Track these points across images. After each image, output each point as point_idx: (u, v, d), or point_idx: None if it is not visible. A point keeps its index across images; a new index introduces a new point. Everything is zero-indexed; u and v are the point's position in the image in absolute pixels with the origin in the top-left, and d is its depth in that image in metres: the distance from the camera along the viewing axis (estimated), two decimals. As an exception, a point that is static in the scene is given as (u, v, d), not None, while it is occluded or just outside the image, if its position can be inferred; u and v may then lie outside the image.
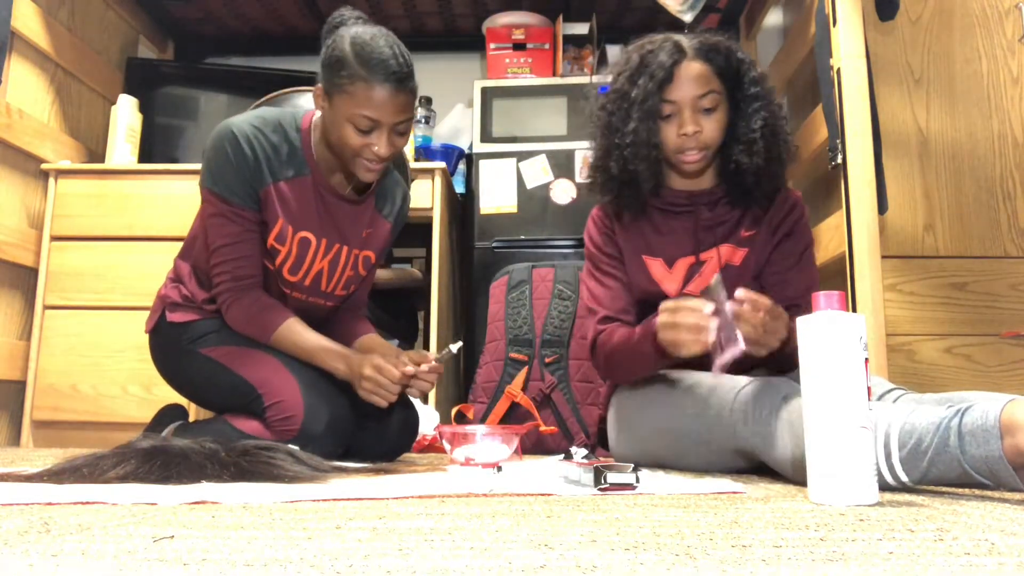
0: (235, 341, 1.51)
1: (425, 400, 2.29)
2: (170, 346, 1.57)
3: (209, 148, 1.46)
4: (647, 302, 1.45)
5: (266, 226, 1.49)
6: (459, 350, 1.50)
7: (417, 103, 2.92)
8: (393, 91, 1.38)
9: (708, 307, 1.18)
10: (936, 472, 0.93)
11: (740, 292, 1.18)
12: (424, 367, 1.45)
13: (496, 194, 2.57)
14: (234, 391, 1.47)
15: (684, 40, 1.43)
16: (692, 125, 1.39)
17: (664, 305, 1.24)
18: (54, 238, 2.37)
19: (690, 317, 1.19)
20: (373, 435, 1.57)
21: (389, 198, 1.66)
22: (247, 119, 1.47)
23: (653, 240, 1.50)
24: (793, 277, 1.48)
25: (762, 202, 1.47)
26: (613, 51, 2.90)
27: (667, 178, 1.51)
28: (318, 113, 1.52)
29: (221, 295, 1.50)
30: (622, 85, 1.45)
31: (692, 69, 1.39)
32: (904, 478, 0.96)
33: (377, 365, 1.41)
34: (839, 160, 1.84)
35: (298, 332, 1.48)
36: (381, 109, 1.38)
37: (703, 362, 1.27)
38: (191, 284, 1.57)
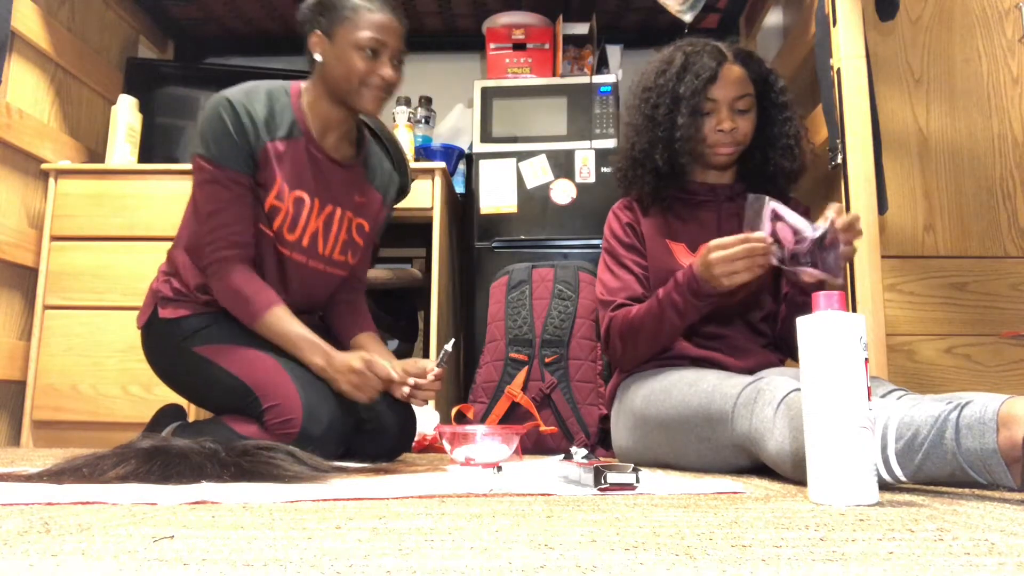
0: (229, 338, 1.49)
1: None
2: (163, 343, 1.55)
3: (204, 119, 1.47)
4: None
5: (263, 189, 1.48)
6: (454, 346, 1.51)
7: (417, 104, 2.93)
8: (393, 17, 1.49)
9: (760, 233, 1.30)
10: (930, 466, 0.93)
11: (832, 215, 1.28)
12: (429, 376, 1.47)
13: (496, 194, 2.57)
14: (230, 393, 1.46)
15: (722, 45, 1.58)
16: (729, 122, 1.52)
17: (712, 243, 1.34)
18: (54, 238, 2.37)
19: (744, 245, 1.30)
20: (372, 436, 1.56)
21: (377, 170, 1.69)
22: (239, 88, 1.50)
23: (677, 227, 1.60)
24: None
25: (780, 198, 1.56)
26: (613, 51, 2.90)
27: (694, 173, 1.63)
28: (304, 83, 1.57)
29: (212, 264, 1.47)
30: (666, 82, 1.56)
31: (733, 71, 1.54)
32: (898, 472, 0.96)
33: (368, 360, 1.42)
34: (839, 160, 1.84)
35: (284, 319, 1.46)
36: (386, 31, 1.47)
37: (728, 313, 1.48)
38: (187, 273, 1.54)
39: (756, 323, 1.56)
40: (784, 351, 1.61)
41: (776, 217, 1.30)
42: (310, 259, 1.56)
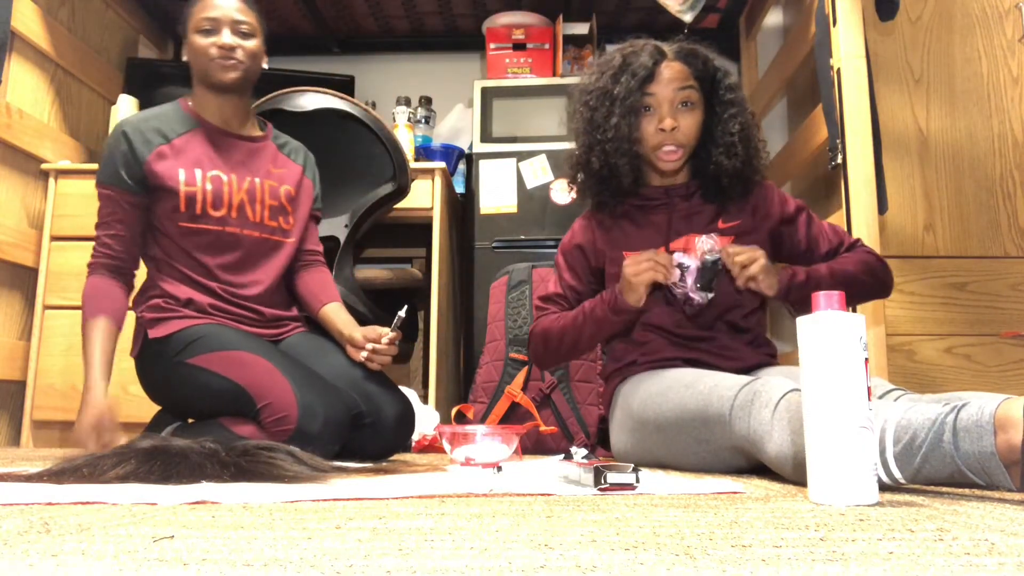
0: (220, 345, 1.51)
1: (429, 382, 2.29)
2: (157, 364, 1.58)
3: (104, 145, 1.63)
4: None
5: (166, 190, 1.58)
6: (407, 312, 1.62)
7: (417, 104, 2.92)
8: None
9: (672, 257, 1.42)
10: (929, 469, 0.93)
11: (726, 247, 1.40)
12: (384, 340, 1.58)
13: (496, 194, 2.57)
14: (226, 397, 1.47)
15: (664, 44, 1.55)
16: (670, 120, 1.49)
17: (628, 260, 1.44)
18: (54, 238, 2.37)
19: (649, 257, 1.41)
20: (369, 433, 1.57)
21: (291, 146, 1.80)
22: (136, 114, 1.68)
23: (632, 234, 1.58)
24: (817, 239, 1.58)
25: (734, 200, 1.58)
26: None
27: (647, 177, 1.60)
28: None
29: (89, 265, 1.61)
30: (605, 83, 1.54)
31: (672, 67, 1.51)
32: (897, 475, 0.96)
33: (103, 422, 1.49)
34: (839, 160, 1.84)
35: (95, 333, 1.55)
36: (216, 8, 1.61)
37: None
38: (172, 288, 1.59)
39: (738, 321, 1.55)
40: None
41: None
42: (243, 228, 1.64)
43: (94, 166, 2.44)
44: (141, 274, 1.67)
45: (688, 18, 2.39)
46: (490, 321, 2.38)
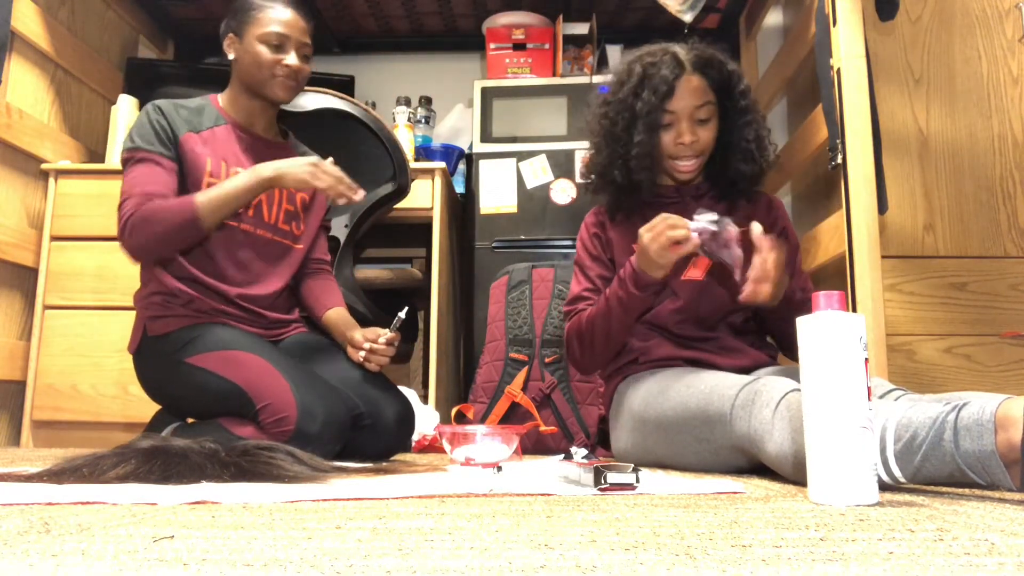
0: (219, 344, 1.51)
1: (429, 382, 2.29)
2: (155, 361, 1.57)
3: (134, 122, 1.62)
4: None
5: (193, 177, 1.58)
6: (407, 313, 1.62)
7: (417, 104, 2.92)
8: (295, 14, 1.65)
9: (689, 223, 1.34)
10: (929, 468, 0.93)
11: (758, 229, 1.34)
12: (381, 340, 1.58)
13: (496, 194, 2.57)
14: (224, 397, 1.47)
15: (682, 53, 1.55)
16: (689, 135, 1.52)
17: (643, 228, 1.39)
18: (54, 238, 2.37)
19: (667, 224, 1.35)
20: (369, 434, 1.57)
21: (311, 153, 1.79)
22: (165, 100, 1.66)
23: None
24: (792, 269, 1.58)
25: (744, 198, 1.62)
26: (613, 51, 2.90)
27: (659, 178, 1.62)
28: (221, 93, 1.72)
29: (128, 219, 1.49)
30: (626, 96, 1.55)
31: (691, 83, 1.51)
32: (897, 473, 0.96)
33: (315, 163, 1.53)
34: (839, 160, 1.84)
35: (210, 188, 1.53)
36: (288, 25, 1.62)
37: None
38: (165, 278, 1.56)
39: (739, 324, 1.56)
40: (781, 347, 1.62)
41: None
42: (257, 227, 1.64)
43: (94, 166, 2.46)
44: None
45: (688, 18, 2.39)
46: (490, 321, 2.38)
